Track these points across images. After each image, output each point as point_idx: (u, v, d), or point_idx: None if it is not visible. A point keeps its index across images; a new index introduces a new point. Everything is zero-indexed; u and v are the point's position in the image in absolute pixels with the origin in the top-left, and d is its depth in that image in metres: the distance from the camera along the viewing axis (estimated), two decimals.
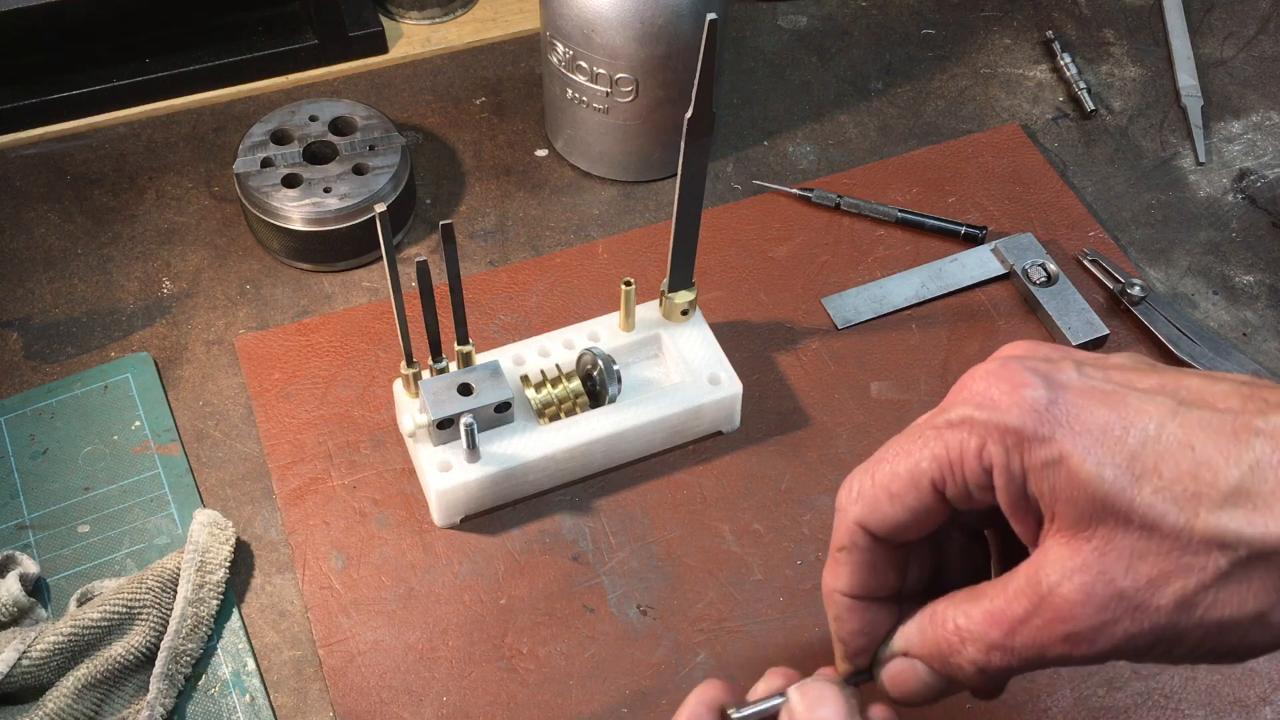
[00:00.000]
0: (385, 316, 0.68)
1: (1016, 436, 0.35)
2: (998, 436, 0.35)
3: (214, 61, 0.79)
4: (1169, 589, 0.33)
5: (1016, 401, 0.35)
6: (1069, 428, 0.34)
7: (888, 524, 0.38)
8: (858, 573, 0.40)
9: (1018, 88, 0.83)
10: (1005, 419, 0.35)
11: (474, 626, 0.57)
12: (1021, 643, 0.35)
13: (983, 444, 0.35)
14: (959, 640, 0.37)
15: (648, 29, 0.67)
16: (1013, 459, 0.35)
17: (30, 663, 0.53)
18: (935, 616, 0.38)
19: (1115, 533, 0.33)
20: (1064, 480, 0.34)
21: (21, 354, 0.67)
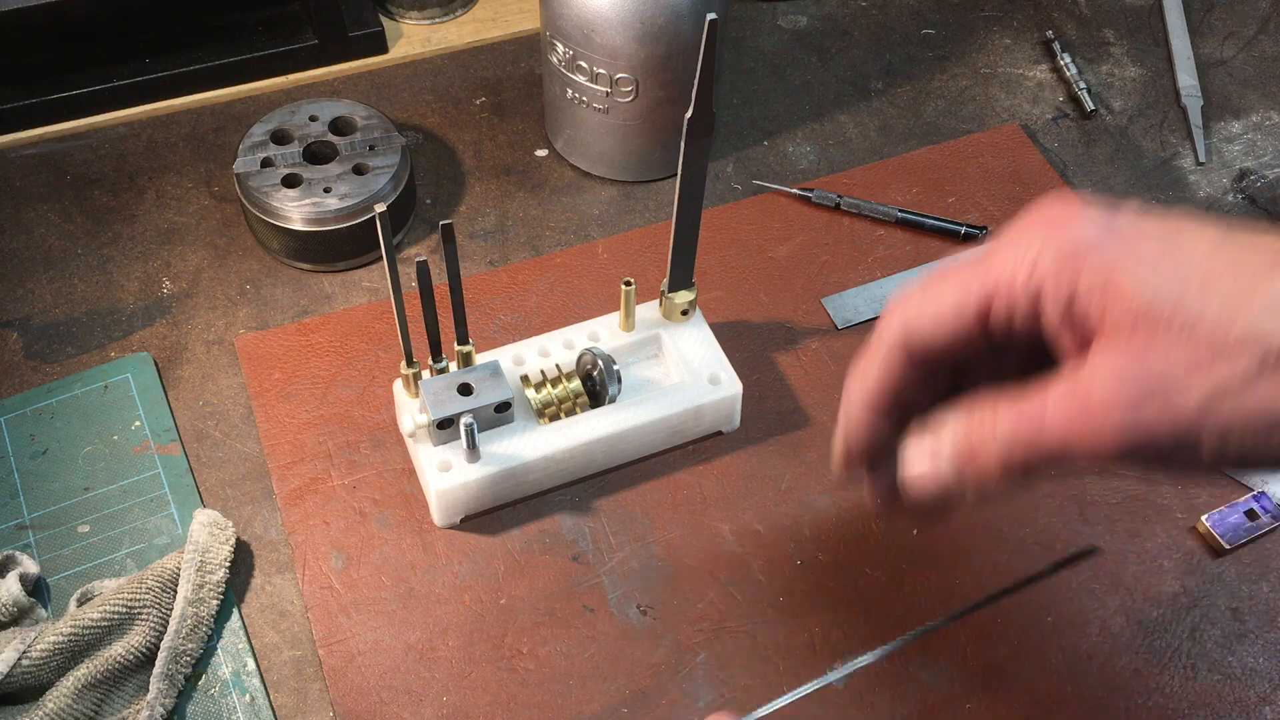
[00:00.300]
0: (385, 316, 0.68)
1: (1072, 250, 0.36)
2: (1053, 250, 0.37)
3: (214, 61, 0.79)
4: (1199, 382, 0.34)
5: (1075, 220, 0.37)
6: (1121, 245, 0.36)
7: (927, 335, 0.40)
8: (884, 379, 0.41)
9: (1018, 88, 0.83)
10: (1062, 234, 0.37)
11: (474, 626, 0.57)
12: (1050, 426, 0.37)
13: (1036, 260, 0.37)
14: (991, 424, 0.38)
15: (648, 29, 0.67)
16: (1064, 272, 0.36)
17: (30, 663, 0.53)
18: (971, 405, 0.39)
19: (1155, 334, 0.35)
20: (1112, 291, 0.36)
21: (21, 354, 0.67)
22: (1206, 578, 0.59)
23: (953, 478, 0.40)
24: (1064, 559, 0.54)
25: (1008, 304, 0.38)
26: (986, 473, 0.38)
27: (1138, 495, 0.62)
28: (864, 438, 0.42)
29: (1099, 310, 0.36)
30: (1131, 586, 0.59)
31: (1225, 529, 0.60)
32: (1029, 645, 0.57)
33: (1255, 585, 0.59)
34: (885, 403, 0.42)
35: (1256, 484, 0.62)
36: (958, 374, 0.43)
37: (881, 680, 0.56)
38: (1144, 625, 0.58)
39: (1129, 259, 0.36)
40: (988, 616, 0.58)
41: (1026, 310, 0.38)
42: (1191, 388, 0.35)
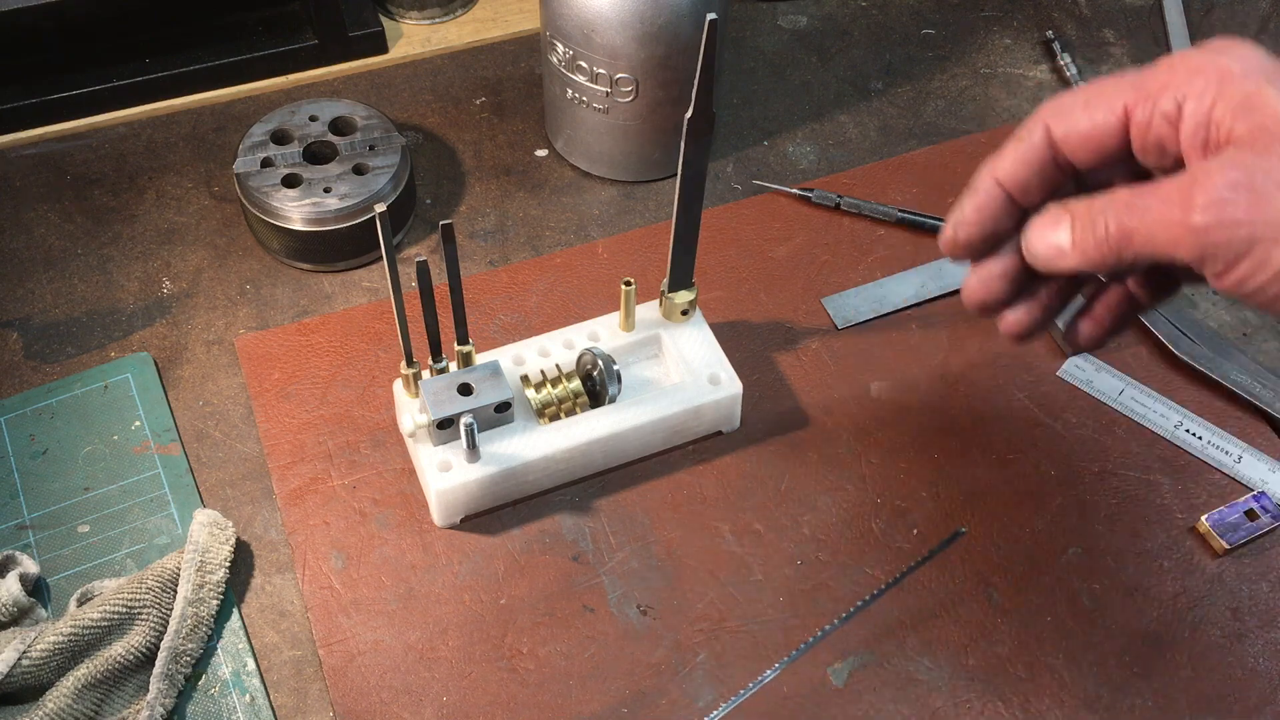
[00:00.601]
0: (385, 316, 0.68)
1: (1219, 73, 0.39)
2: (1202, 70, 0.39)
3: (214, 61, 0.79)
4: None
5: (1240, 52, 0.39)
6: (1264, 75, 0.39)
7: (1068, 129, 0.42)
8: (1015, 164, 0.44)
9: (1018, 88, 0.83)
10: (1222, 58, 0.39)
11: (474, 626, 0.57)
12: (1152, 206, 0.39)
13: (1186, 78, 0.39)
14: (1109, 201, 0.41)
15: (648, 29, 0.67)
16: (1210, 89, 0.39)
17: (30, 663, 0.53)
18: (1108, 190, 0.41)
19: (1272, 146, 0.37)
20: (1246, 105, 0.38)
21: (21, 354, 0.67)
22: (1206, 578, 0.59)
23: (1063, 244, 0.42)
24: (936, 546, 0.58)
25: (1153, 111, 0.40)
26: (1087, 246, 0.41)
27: (1138, 495, 0.62)
28: (984, 213, 0.45)
29: (1230, 122, 0.39)
30: (1131, 586, 0.59)
31: (1225, 529, 0.60)
32: (1029, 645, 0.57)
33: (1255, 585, 0.59)
34: (1014, 183, 0.44)
35: (1256, 484, 0.62)
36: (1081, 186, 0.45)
37: (881, 680, 0.56)
38: (1144, 625, 0.58)
39: (1270, 85, 0.38)
40: (988, 617, 0.58)
41: (1167, 122, 0.40)
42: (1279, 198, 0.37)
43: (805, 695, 0.55)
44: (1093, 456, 0.63)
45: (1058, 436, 0.64)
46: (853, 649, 0.57)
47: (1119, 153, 0.42)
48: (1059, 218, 0.42)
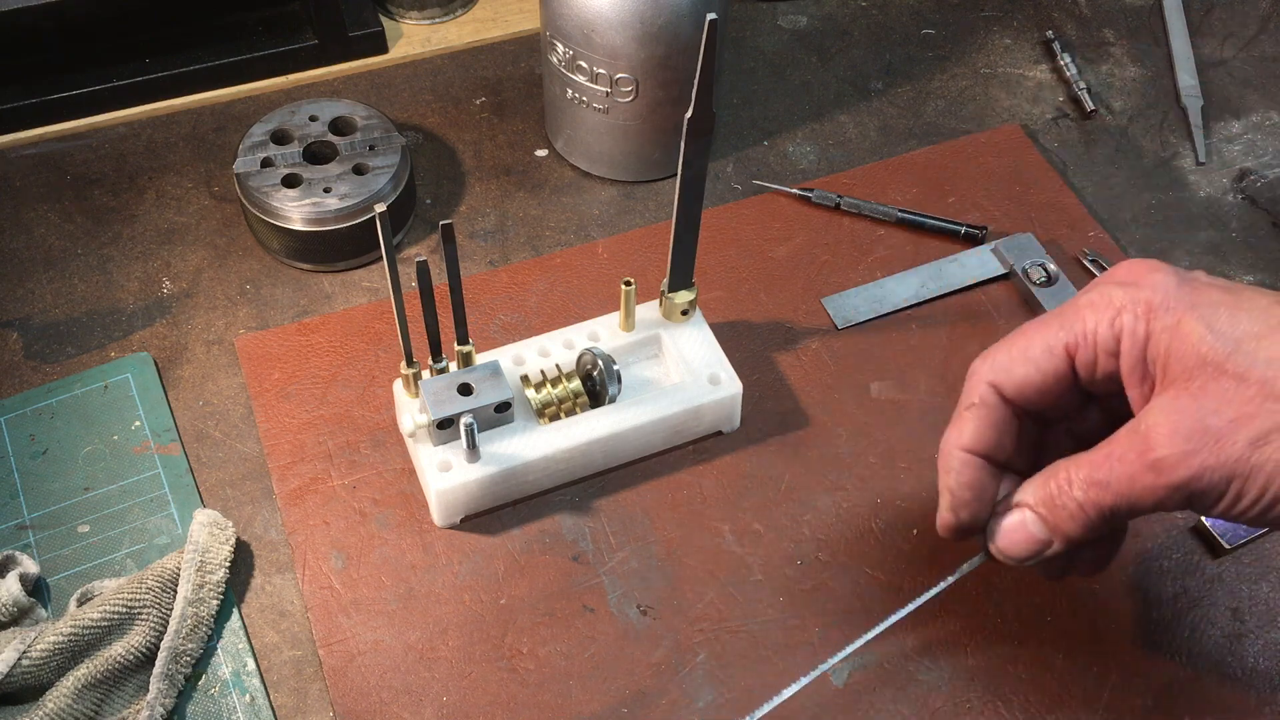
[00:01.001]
0: (385, 316, 0.68)
1: (1147, 305, 0.41)
2: (1131, 305, 0.41)
3: (214, 61, 0.79)
4: (1248, 428, 0.38)
5: (1152, 281, 0.41)
6: (1190, 301, 0.41)
7: (1018, 383, 0.44)
8: (980, 430, 0.45)
9: (1018, 88, 0.83)
10: (1141, 292, 0.41)
11: (474, 626, 0.57)
12: (1117, 476, 0.41)
13: (1118, 312, 0.42)
14: (1067, 483, 0.43)
15: (648, 29, 0.67)
16: (1139, 324, 0.41)
17: (30, 663, 0.53)
18: (1050, 469, 0.44)
19: (1210, 382, 0.39)
20: (1177, 340, 0.40)
21: (21, 354, 0.67)
22: (1206, 578, 0.59)
23: (1041, 538, 0.44)
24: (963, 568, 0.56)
25: (1092, 347, 0.43)
26: (1069, 530, 0.43)
27: None
28: (969, 484, 0.46)
29: (1165, 356, 0.40)
30: (1131, 586, 0.59)
31: (1225, 529, 0.60)
32: (1029, 645, 0.57)
33: (1255, 585, 0.59)
34: (985, 448, 0.46)
35: None
36: (1044, 431, 0.48)
37: (881, 680, 0.56)
38: (1144, 625, 0.58)
39: (1195, 310, 0.40)
40: (987, 617, 0.58)
41: (1107, 358, 0.42)
42: (1238, 433, 0.38)
43: (805, 695, 0.55)
44: None
45: None
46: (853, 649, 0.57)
47: (1068, 392, 0.45)
48: (1021, 518, 0.45)
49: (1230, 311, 0.40)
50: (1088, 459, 0.42)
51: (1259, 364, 0.38)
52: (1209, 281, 0.42)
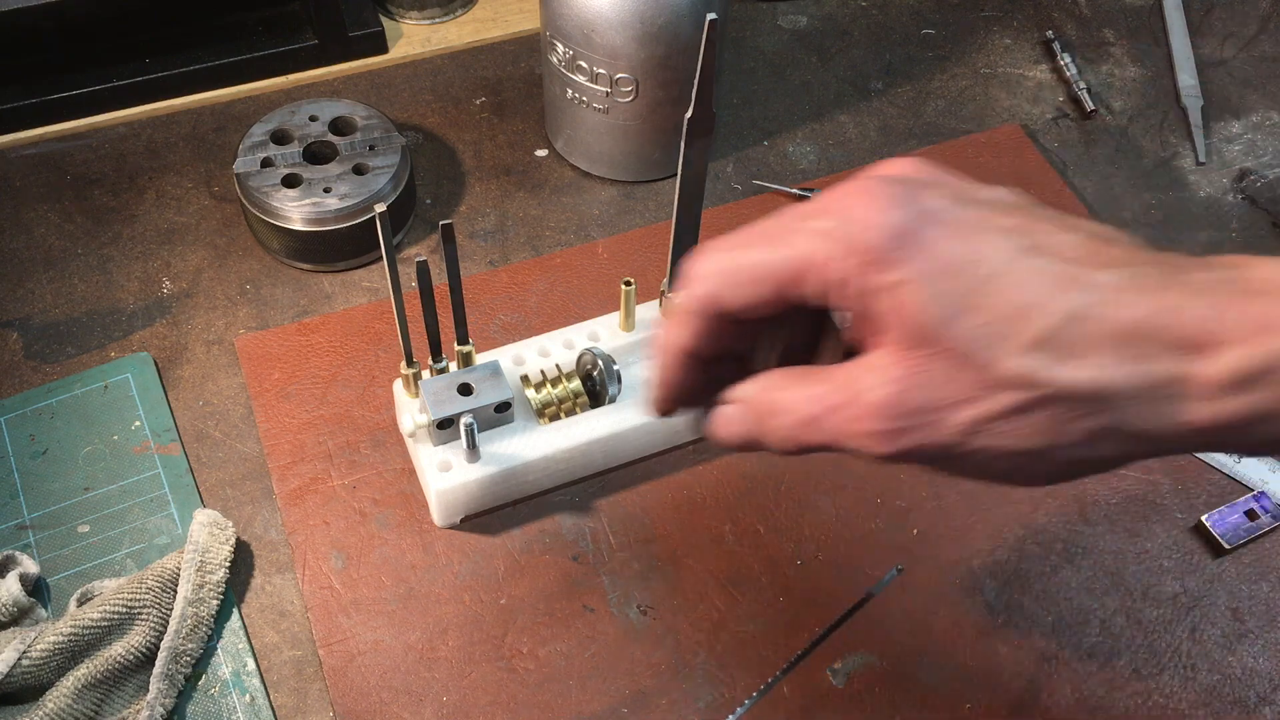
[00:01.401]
0: (385, 316, 0.68)
1: (867, 255, 0.37)
2: (850, 251, 0.37)
3: (214, 61, 0.79)
4: (962, 413, 0.36)
5: (877, 222, 0.37)
6: (917, 256, 0.36)
7: (735, 303, 0.41)
8: (700, 336, 0.43)
9: (1018, 88, 0.83)
10: (862, 236, 0.37)
11: (474, 626, 0.57)
12: (829, 427, 0.39)
13: (835, 257, 0.37)
14: (780, 409, 0.41)
15: (648, 29, 0.67)
16: (857, 276, 0.37)
17: (30, 663, 0.53)
18: (767, 384, 0.42)
19: (931, 358, 0.36)
20: (899, 304, 0.36)
21: (21, 354, 0.67)
22: (1206, 578, 0.59)
23: (750, 440, 0.43)
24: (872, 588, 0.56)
25: (807, 287, 0.39)
26: (777, 443, 0.42)
27: (1138, 495, 0.62)
28: (678, 388, 0.45)
29: (884, 315, 0.37)
30: (1131, 586, 0.59)
31: (1225, 529, 0.60)
32: (1029, 645, 0.57)
33: (1255, 585, 0.59)
34: (695, 357, 0.44)
35: (1256, 484, 0.62)
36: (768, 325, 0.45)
37: (881, 680, 0.56)
38: (1144, 625, 0.58)
39: (922, 266, 0.36)
40: (987, 617, 0.58)
41: (825, 293, 0.39)
42: (953, 418, 0.36)
43: (805, 695, 0.55)
44: None
45: None
46: (853, 649, 0.57)
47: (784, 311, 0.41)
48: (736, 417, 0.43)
49: (961, 268, 0.36)
50: (805, 393, 0.40)
51: (981, 343, 0.36)
52: (946, 216, 0.37)
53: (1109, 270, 0.36)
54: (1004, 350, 0.36)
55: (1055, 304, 0.35)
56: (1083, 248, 0.37)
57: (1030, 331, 0.35)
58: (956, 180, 0.39)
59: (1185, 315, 0.35)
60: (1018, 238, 0.37)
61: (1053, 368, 0.35)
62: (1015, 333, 0.35)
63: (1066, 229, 0.38)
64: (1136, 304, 0.35)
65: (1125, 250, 0.37)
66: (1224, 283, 0.35)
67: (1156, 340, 0.35)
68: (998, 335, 0.36)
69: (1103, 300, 0.35)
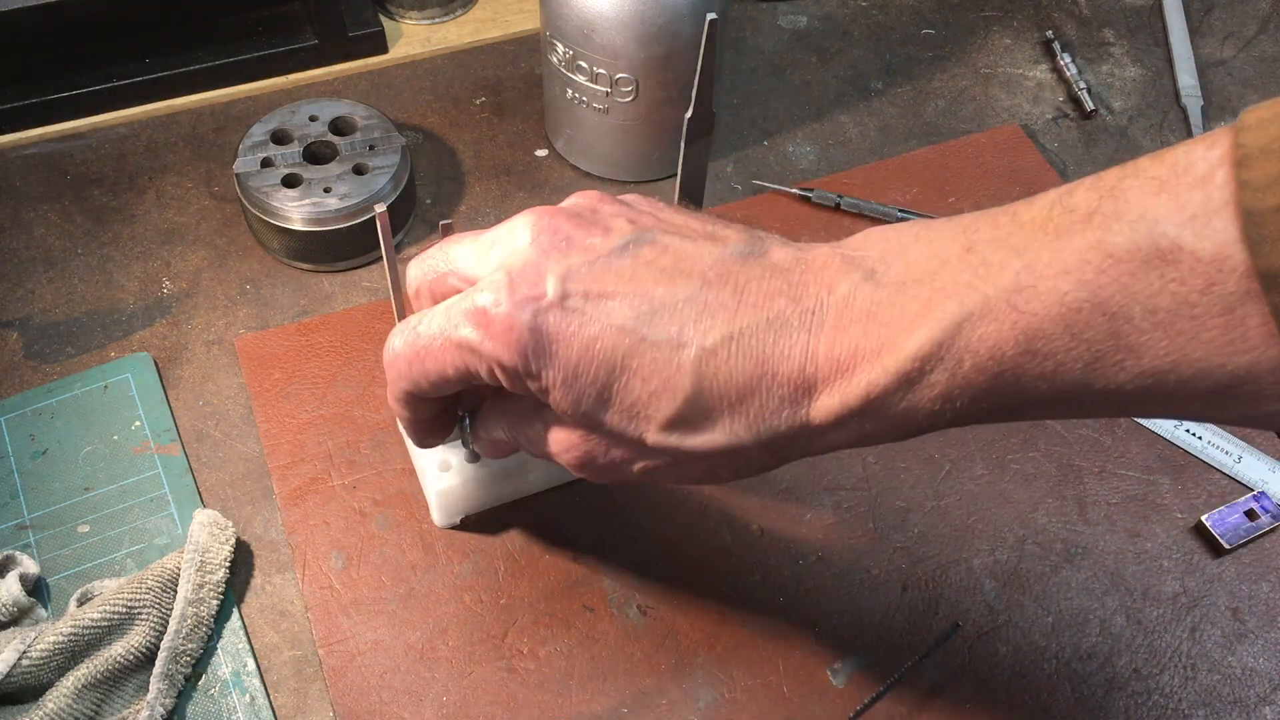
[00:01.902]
0: (385, 316, 0.68)
1: (513, 371, 0.43)
2: (499, 367, 0.44)
3: (214, 61, 0.79)
4: (634, 467, 0.45)
5: (507, 343, 0.43)
6: (549, 365, 0.43)
7: (429, 393, 0.48)
8: (420, 418, 0.51)
9: (1018, 88, 0.83)
10: (501, 357, 0.43)
11: (474, 626, 0.57)
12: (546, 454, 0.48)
13: (490, 366, 0.44)
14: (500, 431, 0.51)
15: (648, 29, 0.67)
16: (515, 381, 0.44)
17: (30, 663, 0.53)
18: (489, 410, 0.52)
19: (594, 434, 0.45)
20: (556, 403, 0.44)
21: (21, 354, 0.67)
22: (1206, 578, 0.59)
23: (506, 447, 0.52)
24: (935, 642, 0.57)
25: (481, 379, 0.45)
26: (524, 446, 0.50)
27: (1138, 495, 0.62)
28: (427, 436, 0.53)
29: (550, 403, 0.44)
30: (1131, 586, 0.59)
31: (1225, 529, 0.60)
32: (1029, 645, 0.57)
33: (1255, 585, 0.59)
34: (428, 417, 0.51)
35: (1256, 484, 0.62)
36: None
37: (882, 680, 0.56)
38: (1144, 625, 0.58)
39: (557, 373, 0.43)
40: (987, 617, 0.58)
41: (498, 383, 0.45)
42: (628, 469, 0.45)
43: (805, 695, 0.55)
44: (1093, 456, 0.63)
45: (1058, 436, 0.64)
46: (853, 649, 0.57)
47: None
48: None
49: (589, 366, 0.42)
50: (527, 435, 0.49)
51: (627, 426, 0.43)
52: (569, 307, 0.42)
53: (716, 327, 0.41)
54: (647, 430, 0.43)
55: (678, 386, 0.41)
56: (697, 301, 0.41)
57: (661, 415, 0.42)
58: (583, 228, 0.45)
59: (784, 369, 0.40)
60: (636, 304, 0.42)
61: (688, 439, 0.42)
62: (650, 416, 0.42)
63: (681, 275, 0.42)
64: (744, 367, 0.41)
65: (732, 291, 0.41)
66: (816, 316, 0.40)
67: (768, 396, 0.41)
68: (639, 419, 0.43)
69: (715, 371, 0.41)
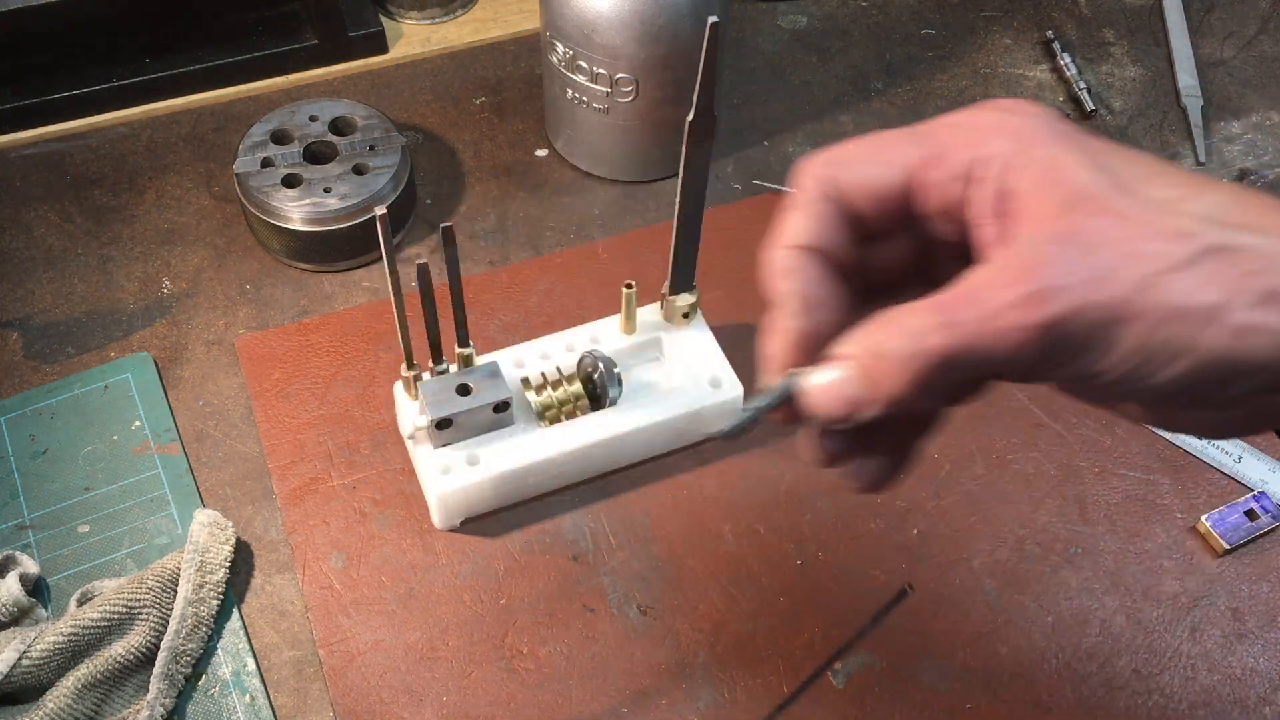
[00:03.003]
0: (385, 316, 0.68)
1: (1017, 132, 0.34)
2: (999, 128, 0.35)
3: (214, 61, 0.79)
4: (1135, 267, 0.32)
5: (1026, 109, 0.35)
6: (1069, 136, 0.34)
7: (854, 181, 0.37)
8: (811, 223, 0.37)
9: (1018, 88, 0.83)
10: (1012, 118, 0.35)
11: (474, 626, 0.57)
12: (968, 314, 0.33)
13: (983, 135, 0.35)
14: (900, 327, 0.34)
15: (648, 29, 0.67)
16: (1003, 148, 0.34)
17: (30, 663, 0.53)
18: (878, 315, 0.35)
19: (1090, 218, 0.32)
20: (1053, 171, 0.33)
21: (21, 354, 0.67)
22: (1206, 578, 0.59)
23: (857, 384, 0.35)
24: (883, 607, 0.52)
25: (941, 170, 0.35)
26: (893, 377, 0.34)
27: (1138, 495, 0.62)
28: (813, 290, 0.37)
29: (1034, 188, 0.34)
30: (1131, 586, 0.59)
31: (1225, 529, 0.60)
32: (1029, 645, 0.57)
33: (1255, 585, 0.59)
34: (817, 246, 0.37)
35: (1256, 484, 0.62)
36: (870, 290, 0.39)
37: (881, 680, 0.56)
38: (1144, 625, 0.58)
39: (1075, 144, 0.34)
40: (988, 617, 0.58)
41: (954, 182, 0.35)
42: (1125, 271, 0.32)
43: (805, 695, 0.55)
44: (1093, 456, 0.63)
45: (1058, 436, 0.64)
46: (853, 649, 0.57)
47: (901, 214, 0.37)
48: (836, 368, 0.35)
49: (1110, 157, 0.34)
50: (928, 300, 0.33)
51: (1146, 203, 0.32)
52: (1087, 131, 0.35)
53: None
54: (1171, 209, 0.32)
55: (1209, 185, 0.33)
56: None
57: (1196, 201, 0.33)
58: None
59: None
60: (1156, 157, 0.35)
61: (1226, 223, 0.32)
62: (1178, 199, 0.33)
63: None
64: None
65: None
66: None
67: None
68: (1164, 198, 0.32)
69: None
